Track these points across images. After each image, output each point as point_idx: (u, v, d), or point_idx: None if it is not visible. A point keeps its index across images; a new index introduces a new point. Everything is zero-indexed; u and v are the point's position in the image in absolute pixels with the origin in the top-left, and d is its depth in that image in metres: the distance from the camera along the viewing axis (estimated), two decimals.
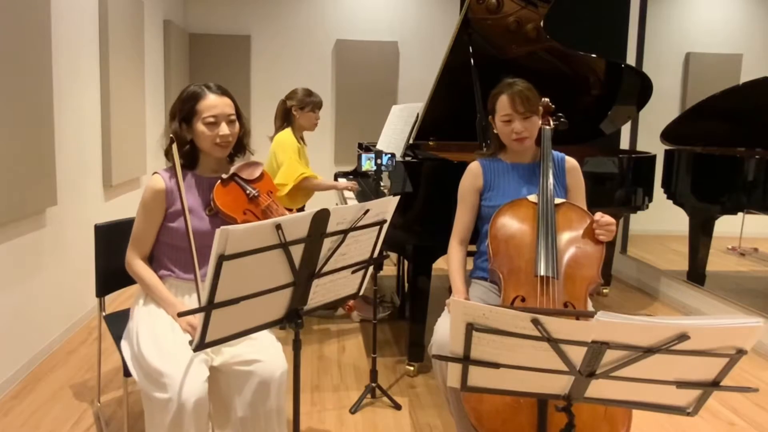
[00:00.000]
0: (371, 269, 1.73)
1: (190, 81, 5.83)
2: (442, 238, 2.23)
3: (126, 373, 1.79)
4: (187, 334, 1.73)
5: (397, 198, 1.63)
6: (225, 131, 1.82)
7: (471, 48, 2.94)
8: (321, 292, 1.58)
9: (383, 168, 2.58)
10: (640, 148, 4.41)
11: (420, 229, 2.69)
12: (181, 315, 1.69)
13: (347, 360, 3.01)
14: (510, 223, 1.91)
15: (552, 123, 2.14)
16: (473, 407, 1.55)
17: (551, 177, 2.00)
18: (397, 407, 2.51)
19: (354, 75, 6.13)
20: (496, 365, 1.19)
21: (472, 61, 2.93)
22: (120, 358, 1.86)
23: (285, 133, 3.39)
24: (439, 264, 2.81)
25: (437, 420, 2.44)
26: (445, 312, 1.96)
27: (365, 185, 3.49)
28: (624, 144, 4.66)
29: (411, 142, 3.15)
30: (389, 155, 2.59)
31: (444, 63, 2.95)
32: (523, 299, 1.77)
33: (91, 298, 2.29)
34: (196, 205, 1.87)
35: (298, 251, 1.41)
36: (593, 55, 3.27)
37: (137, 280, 1.90)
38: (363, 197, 3.33)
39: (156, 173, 1.85)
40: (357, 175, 3.87)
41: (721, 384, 1.15)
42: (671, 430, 2.40)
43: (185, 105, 1.83)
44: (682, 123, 4.01)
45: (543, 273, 1.77)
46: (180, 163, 1.78)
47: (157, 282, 1.86)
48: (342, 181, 3.51)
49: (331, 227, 1.44)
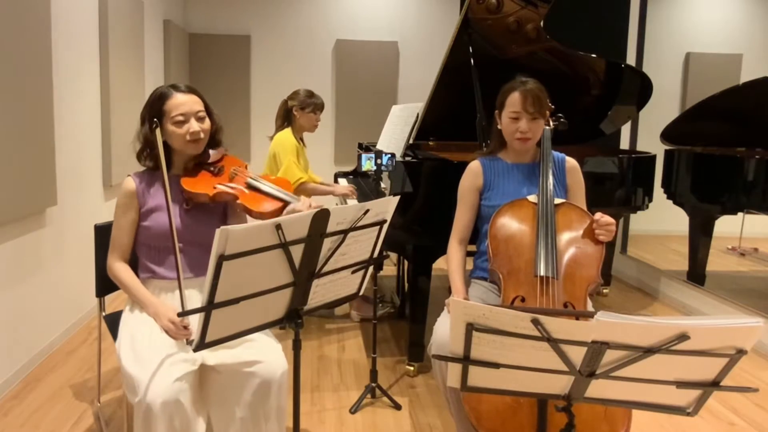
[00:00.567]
0: (371, 269, 1.73)
1: (190, 81, 5.83)
2: (441, 238, 2.23)
3: None
4: (166, 334, 1.72)
5: (397, 198, 1.63)
6: (195, 128, 1.82)
7: (471, 48, 2.94)
8: (321, 292, 1.58)
9: (383, 168, 2.58)
10: (640, 148, 4.41)
11: (420, 229, 2.69)
12: (181, 315, 1.70)
13: (347, 360, 3.01)
14: (510, 223, 1.92)
15: (552, 123, 2.14)
16: (473, 407, 1.55)
17: (551, 177, 2.00)
18: (397, 407, 2.51)
19: (354, 75, 6.13)
20: (496, 365, 1.19)
21: (472, 61, 2.93)
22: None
23: (285, 133, 3.39)
24: (439, 264, 2.82)
25: (437, 420, 2.44)
26: (445, 312, 1.96)
27: (365, 185, 3.49)
28: (624, 144, 4.66)
29: (411, 142, 3.16)
30: (389, 155, 2.59)
31: (444, 63, 2.95)
32: (523, 299, 1.77)
33: (91, 298, 2.29)
34: (173, 204, 1.87)
35: (298, 251, 1.41)
36: (593, 55, 3.27)
37: (117, 283, 1.92)
38: (363, 197, 3.33)
39: (128, 176, 1.88)
40: (357, 175, 3.87)
41: (721, 384, 1.15)
42: (671, 430, 2.40)
43: (153, 107, 1.83)
44: (682, 123, 4.01)
45: (543, 273, 1.77)
46: (162, 153, 1.78)
47: (135, 282, 1.86)
48: (340, 186, 3.51)
49: (331, 227, 1.44)
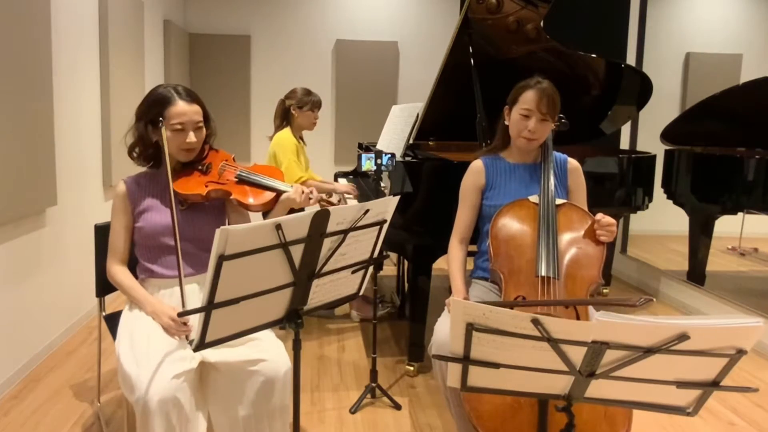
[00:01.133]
0: (371, 269, 1.73)
1: (190, 81, 5.83)
2: (441, 238, 2.23)
3: None
4: (165, 332, 1.73)
5: (397, 198, 1.63)
6: (192, 139, 1.83)
7: (471, 48, 2.94)
8: (321, 292, 1.58)
9: (383, 168, 2.58)
10: (640, 148, 4.41)
11: (420, 229, 2.69)
12: (181, 315, 1.70)
13: (347, 360, 3.01)
14: (511, 224, 1.91)
15: (553, 124, 2.14)
16: (473, 407, 1.55)
17: (552, 177, 2.00)
18: (397, 407, 2.51)
19: (354, 75, 6.13)
20: (496, 365, 1.19)
21: (472, 62, 2.93)
22: None
23: (284, 133, 3.39)
24: (439, 264, 2.81)
25: (437, 420, 2.43)
26: (445, 312, 1.96)
27: (365, 185, 3.49)
28: (624, 144, 4.66)
29: (411, 142, 3.15)
30: (389, 155, 2.59)
31: (444, 63, 2.95)
32: (524, 299, 1.77)
33: (91, 298, 2.29)
34: (164, 203, 1.88)
35: (298, 251, 1.41)
36: (593, 55, 3.27)
37: (116, 286, 1.92)
38: (363, 197, 3.33)
39: (121, 180, 1.89)
40: (357, 175, 3.87)
41: (721, 384, 1.15)
42: (671, 430, 2.40)
43: (153, 108, 1.83)
44: (682, 123, 4.01)
45: (544, 273, 1.77)
46: (167, 150, 1.79)
47: (134, 284, 1.87)
48: (340, 184, 3.51)
49: (331, 227, 1.44)
